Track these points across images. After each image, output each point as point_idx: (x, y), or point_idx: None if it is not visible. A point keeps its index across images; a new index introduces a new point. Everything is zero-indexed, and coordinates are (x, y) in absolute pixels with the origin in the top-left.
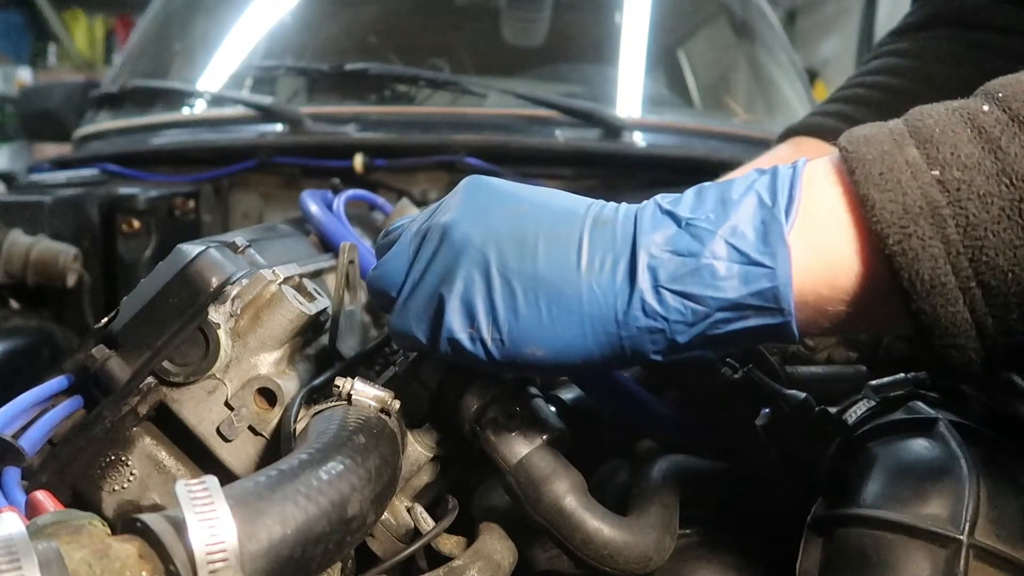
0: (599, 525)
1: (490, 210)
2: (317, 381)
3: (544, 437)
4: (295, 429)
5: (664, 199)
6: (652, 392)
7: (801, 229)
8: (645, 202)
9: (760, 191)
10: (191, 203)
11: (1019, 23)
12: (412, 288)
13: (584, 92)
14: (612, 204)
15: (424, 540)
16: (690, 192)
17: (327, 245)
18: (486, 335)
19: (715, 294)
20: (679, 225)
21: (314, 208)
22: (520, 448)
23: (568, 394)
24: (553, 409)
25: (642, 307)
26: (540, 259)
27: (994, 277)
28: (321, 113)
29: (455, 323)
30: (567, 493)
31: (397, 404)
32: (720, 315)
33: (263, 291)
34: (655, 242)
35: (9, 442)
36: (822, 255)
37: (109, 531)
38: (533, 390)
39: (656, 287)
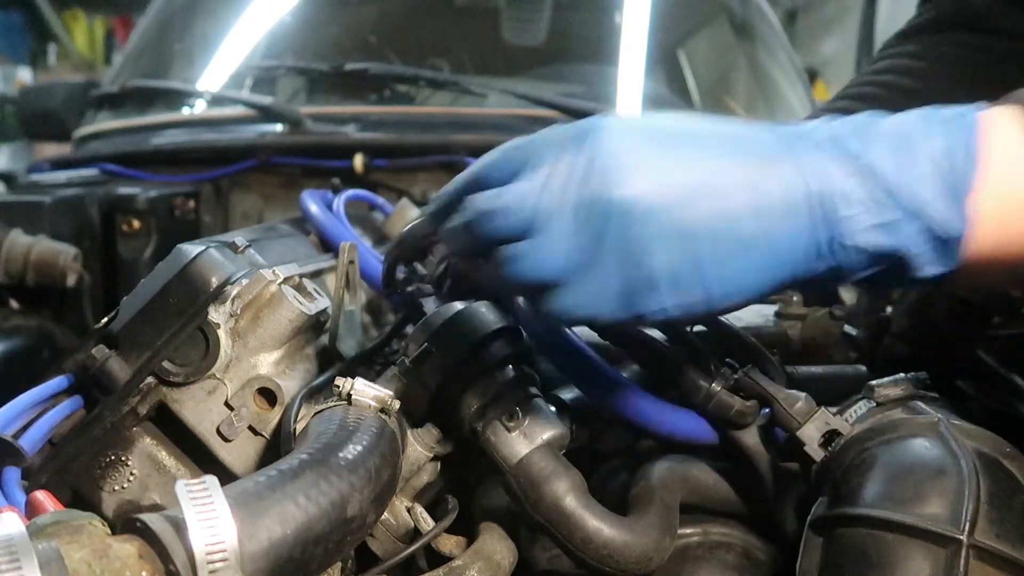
0: (599, 525)
1: (658, 165)
2: (317, 381)
3: (544, 437)
4: (295, 429)
5: (841, 129)
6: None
7: (982, 193)
8: (821, 133)
9: (940, 149)
10: (191, 203)
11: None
12: (586, 268)
13: (584, 92)
14: (784, 131)
15: (424, 540)
16: (867, 129)
17: (327, 245)
18: (692, 298)
19: (896, 245)
20: (864, 175)
21: (314, 208)
22: (520, 448)
23: (568, 394)
24: (553, 409)
25: (831, 252)
26: (732, 210)
27: None
28: (321, 113)
29: (655, 293)
30: (567, 493)
31: (397, 404)
32: (896, 262)
33: (263, 291)
34: (844, 192)
35: (9, 442)
36: (1004, 220)
37: (109, 531)
38: (533, 390)
39: (844, 235)
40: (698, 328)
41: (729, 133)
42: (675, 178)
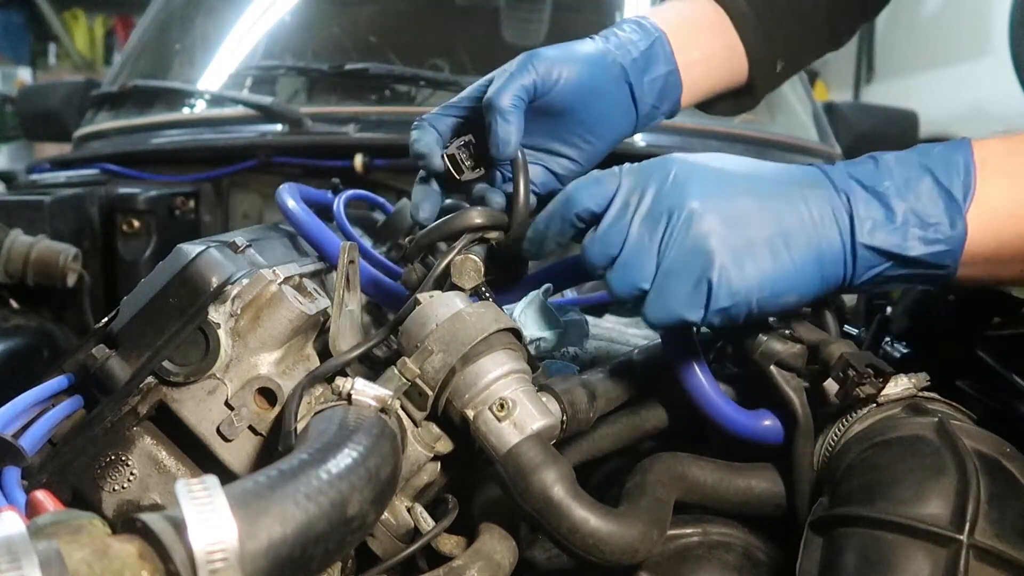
0: (585, 515)
1: (716, 186)
2: (317, 370)
3: (534, 427)
4: (295, 427)
5: (858, 169)
6: None
7: (976, 208)
8: (842, 171)
9: (937, 175)
10: (191, 203)
11: None
12: (666, 276)
13: None
14: (809, 170)
15: (424, 540)
16: (872, 164)
17: (307, 240)
18: (755, 295)
19: (901, 252)
20: (876, 196)
21: (291, 203)
22: (510, 438)
23: (561, 385)
24: (545, 400)
25: (853, 253)
26: (782, 223)
27: None
28: (321, 113)
29: (724, 295)
30: (555, 483)
31: (397, 404)
32: (896, 266)
33: (263, 291)
34: (863, 210)
35: (9, 442)
36: (997, 231)
37: (109, 531)
38: (525, 381)
39: (864, 238)
40: None
41: (772, 167)
42: (727, 191)
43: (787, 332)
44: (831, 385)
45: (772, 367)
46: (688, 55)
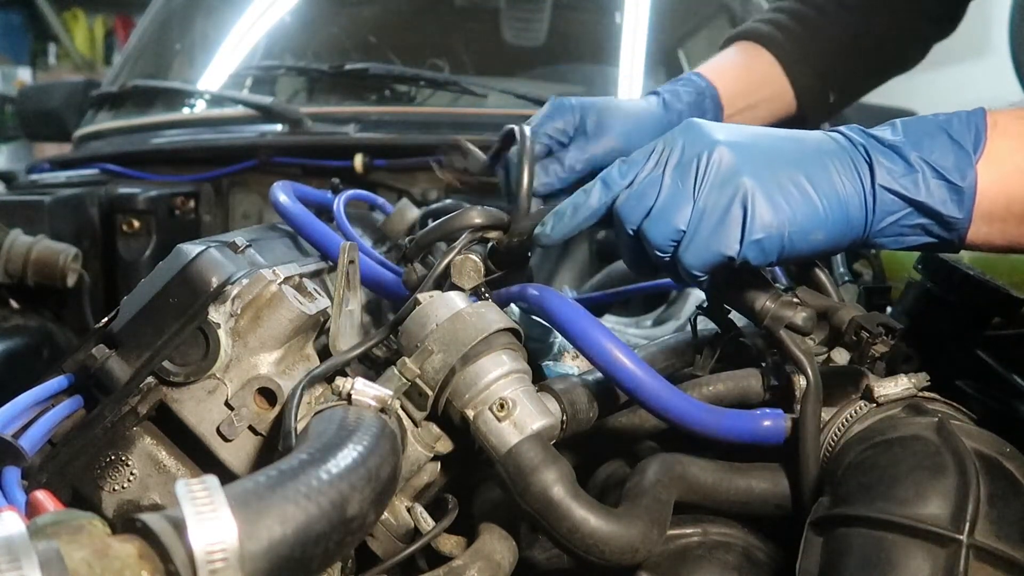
0: (585, 515)
1: (739, 133)
2: (317, 370)
3: (534, 427)
4: (295, 427)
5: (873, 130)
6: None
7: (986, 163)
8: (853, 129)
9: (951, 132)
10: (191, 203)
11: None
12: (702, 214)
13: (584, 92)
14: (823, 133)
15: (424, 540)
16: (889, 127)
17: (299, 233)
18: (786, 228)
19: (916, 197)
20: (892, 148)
21: (283, 198)
22: (510, 438)
23: (561, 385)
24: (545, 400)
25: (874, 197)
26: (805, 165)
27: None
28: (321, 113)
29: (759, 226)
30: (555, 483)
31: (397, 404)
32: (913, 212)
33: (263, 291)
34: (882, 159)
35: (9, 442)
36: (1006, 185)
37: (109, 531)
38: (525, 381)
39: (885, 182)
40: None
41: (787, 131)
42: (751, 139)
43: (795, 299)
44: (838, 355)
45: (782, 331)
46: (736, 104)
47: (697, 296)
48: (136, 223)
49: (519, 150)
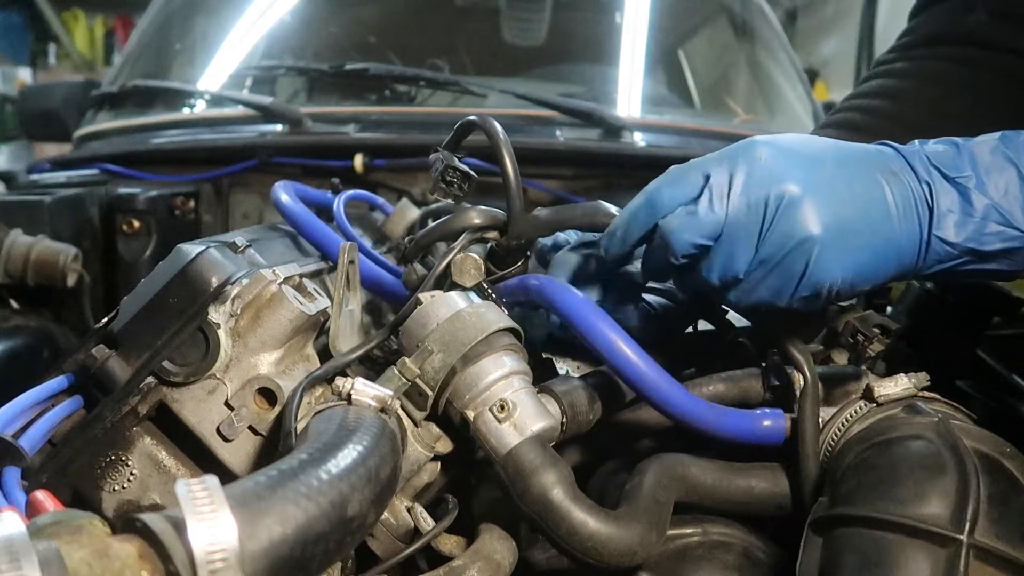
0: (584, 517)
1: (811, 168)
2: (317, 371)
3: (534, 429)
4: (295, 427)
5: (940, 157)
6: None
7: None
8: (916, 152)
9: (1021, 168)
10: (191, 203)
11: (1020, 43)
12: (763, 264)
13: (584, 92)
14: (889, 153)
15: (424, 540)
16: (953, 150)
17: (300, 233)
18: (837, 286)
19: (978, 247)
20: (955, 187)
21: (284, 197)
22: (510, 439)
23: (561, 386)
24: (545, 402)
25: (928, 245)
26: (870, 210)
27: None
28: (321, 113)
29: (815, 283)
30: (554, 485)
31: (397, 404)
32: (969, 261)
33: (263, 291)
34: (943, 203)
35: (9, 442)
36: None
37: (109, 531)
38: (525, 383)
39: (942, 232)
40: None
41: (854, 147)
42: (820, 175)
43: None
44: (838, 355)
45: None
46: None
47: None
48: (136, 223)
49: (493, 145)
